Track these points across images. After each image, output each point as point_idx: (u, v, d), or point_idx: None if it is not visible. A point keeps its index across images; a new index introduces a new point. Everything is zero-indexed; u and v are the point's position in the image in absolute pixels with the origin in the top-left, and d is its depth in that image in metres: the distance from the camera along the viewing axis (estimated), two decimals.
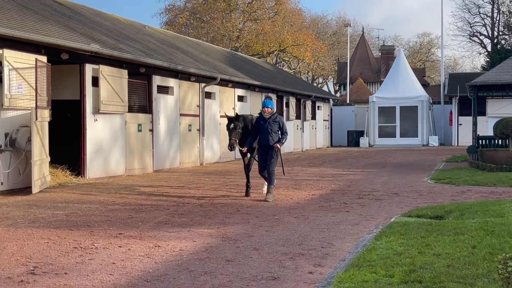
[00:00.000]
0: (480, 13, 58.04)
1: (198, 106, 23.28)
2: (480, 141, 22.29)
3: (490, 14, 57.38)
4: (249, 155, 13.42)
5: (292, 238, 8.44)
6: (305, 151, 35.15)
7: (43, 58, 14.52)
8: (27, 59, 14.03)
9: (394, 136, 39.96)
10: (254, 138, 12.78)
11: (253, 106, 28.21)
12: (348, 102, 48.50)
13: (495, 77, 22.01)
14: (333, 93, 65.58)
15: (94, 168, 16.97)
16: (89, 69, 16.75)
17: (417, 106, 39.43)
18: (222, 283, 6.08)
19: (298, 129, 35.11)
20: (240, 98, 27.17)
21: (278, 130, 12.54)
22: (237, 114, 13.59)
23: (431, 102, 41.49)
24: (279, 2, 55.51)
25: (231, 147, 13.01)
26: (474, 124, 22.70)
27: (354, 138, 41.90)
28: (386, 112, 40.03)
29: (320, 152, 35.03)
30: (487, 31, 58.43)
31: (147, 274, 6.44)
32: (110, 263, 6.93)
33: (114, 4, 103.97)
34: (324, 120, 41.14)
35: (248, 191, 13.26)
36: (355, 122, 43.87)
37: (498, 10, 56.19)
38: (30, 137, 13.65)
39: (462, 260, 6.63)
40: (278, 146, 12.47)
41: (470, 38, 60.72)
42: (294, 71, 60.88)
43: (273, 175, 12.55)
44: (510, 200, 11.45)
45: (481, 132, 24.30)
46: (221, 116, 24.77)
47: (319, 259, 7.13)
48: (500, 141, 21.41)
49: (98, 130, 17.15)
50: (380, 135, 40.25)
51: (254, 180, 13.81)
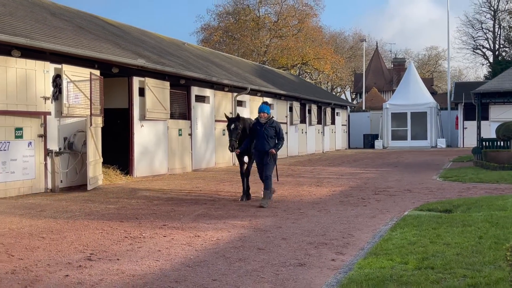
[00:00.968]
0: (482, 28, 57.28)
1: (231, 113, 23.31)
2: (483, 142, 21.99)
3: (491, 29, 56.59)
4: (247, 159, 12.11)
5: (315, 229, 8.40)
6: (325, 153, 34.97)
7: (97, 72, 14.71)
8: (83, 73, 14.24)
9: (406, 139, 39.61)
10: (249, 142, 11.38)
11: (279, 113, 28.20)
12: (363, 108, 48.29)
13: (497, 85, 21.72)
14: (350, 101, 65.09)
15: (140, 168, 17.13)
16: (136, 81, 16.93)
17: (426, 112, 39.03)
18: (255, 269, 6.08)
19: (319, 133, 34.93)
20: None
21: (274, 136, 11.09)
22: (238, 114, 12.12)
23: (439, 108, 41.03)
24: (302, 20, 55.46)
25: (232, 148, 11.46)
26: (478, 127, 22.45)
27: (370, 140, 41.63)
28: (398, 117, 39.70)
29: (339, 153, 34.83)
30: (489, 44, 57.60)
31: (189, 260, 6.47)
32: (156, 251, 6.98)
33: (157, 23, 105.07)
34: (342, 124, 40.90)
35: (243, 196, 11.80)
36: (370, 127, 43.63)
37: (499, 25, 55.41)
38: (85, 140, 13.82)
39: (470, 249, 6.53)
40: (273, 151, 11.03)
41: (473, 51, 59.92)
42: (315, 82, 60.65)
43: (269, 180, 11.13)
44: None
45: (484, 135, 23.95)
46: None
47: (341, 248, 7.08)
48: (502, 142, 21.04)
49: (144, 135, 17.30)
50: (393, 138, 39.92)
51: (256, 184, 12.82)
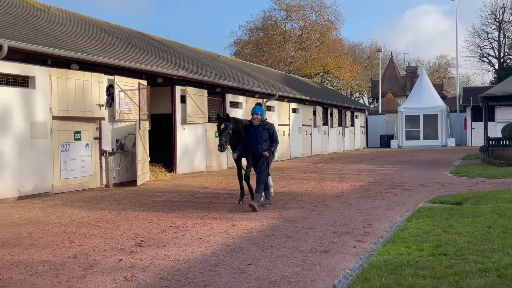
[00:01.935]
0: (488, 38, 55.94)
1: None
2: (490, 141, 21.51)
3: (497, 39, 55.24)
4: (244, 162, 10.50)
5: (338, 220, 8.35)
6: (345, 152, 34.68)
7: (144, 82, 14.89)
8: (132, 83, 14.43)
9: (419, 138, 39.07)
10: (244, 145, 9.86)
11: (303, 116, 28.10)
12: (380, 112, 47.73)
13: (503, 89, 21.35)
14: (367, 105, 64.40)
15: (182, 166, 17.27)
16: (178, 89, 17.07)
17: (437, 114, 38.48)
18: (285, 254, 6.08)
19: (340, 134, 34.68)
20: (293, 110, 27.07)
21: (268, 138, 9.64)
22: (227, 114, 10.32)
23: (449, 111, 40.31)
24: (324, 34, 55.17)
25: (222, 148, 9.85)
26: (485, 128, 22.09)
27: (386, 140, 41.21)
28: (411, 119, 39.21)
29: (358, 152, 34.49)
30: (495, 53, 56.27)
31: (226, 247, 6.51)
32: (198, 238, 7.02)
33: (195, 38, 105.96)
34: (361, 126, 40.54)
35: (240, 200, 10.29)
36: (386, 128, 43.18)
37: (504, 35, 54.12)
38: (135, 142, 14.01)
39: (480, 237, 6.40)
40: (266, 154, 9.57)
41: (480, 59, 58.57)
42: (336, 88, 60.24)
43: (261, 184, 9.54)
44: None
45: (491, 134, 23.49)
46: (279, 124, 24.75)
47: (361, 237, 7.02)
48: (507, 141, 20.62)
49: (185, 137, 17.45)
50: (407, 138, 39.42)
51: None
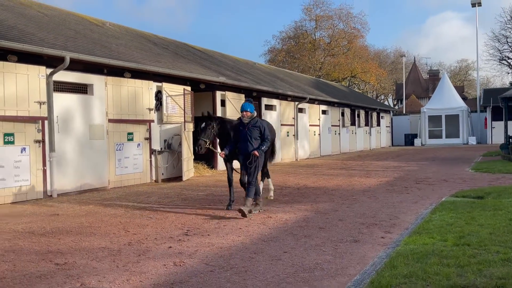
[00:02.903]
0: (507, 42, 53.97)
1: (293, 118, 23.27)
2: (510, 139, 20.81)
3: None
4: (238, 165, 8.66)
5: (367, 212, 8.24)
6: (372, 150, 34.17)
7: (188, 88, 15.09)
8: (178, 89, 14.64)
9: (441, 137, 38.11)
10: (233, 144, 8.38)
11: (332, 117, 27.85)
12: (404, 112, 46.92)
13: None
14: (392, 106, 63.28)
15: (222, 163, 17.33)
16: (218, 94, 17.20)
17: (458, 115, 37.44)
18: (318, 244, 6.05)
19: (366, 133, 34.20)
20: (323, 112, 26.86)
21: (259, 137, 8.11)
22: (208, 113, 8.85)
23: (470, 111, 39.17)
24: (351, 41, 54.58)
25: (199, 147, 8.38)
26: (506, 126, 21.38)
27: (410, 139, 40.39)
28: (434, 119, 38.27)
29: (383, 150, 33.93)
30: None
31: (264, 237, 6.52)
32: (238, 228, 7.06)
33: (233, 48, 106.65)
34: (386, 126, 39.85)
35: (229, 206, 8.78)
36: (410, 127, 42.35)
37: None
38: (180, 142, 14.23)
39: (502, 229, 6.20)
40: (256, 153, 8.00)
41: (499, 62, 56.63)
42: (362, 91, 59.48)
43: (251, 187, 8.08)
44: None
45: (510, 133, 22.66)
46: (310, 125, 24.64)
47: (388, 228, 6.92)
48: None
49: None
50: (430, 137, 38.50)
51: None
